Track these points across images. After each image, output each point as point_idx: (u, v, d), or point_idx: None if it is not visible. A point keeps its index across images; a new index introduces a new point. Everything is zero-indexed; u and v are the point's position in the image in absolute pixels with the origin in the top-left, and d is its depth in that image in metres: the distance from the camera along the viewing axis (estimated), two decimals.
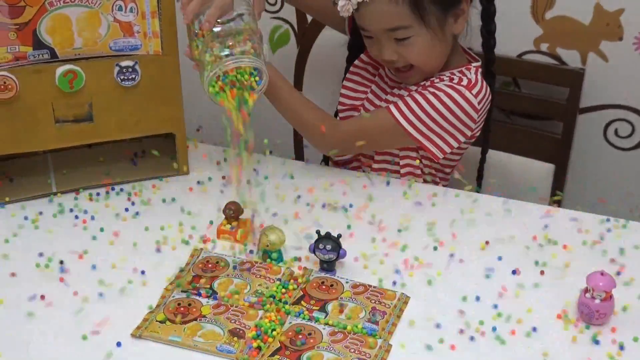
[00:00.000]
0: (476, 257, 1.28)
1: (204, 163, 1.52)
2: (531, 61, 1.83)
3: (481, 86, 1.46)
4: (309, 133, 1.50)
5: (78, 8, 1.31)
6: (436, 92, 1.43)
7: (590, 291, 1.14)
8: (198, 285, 1.21)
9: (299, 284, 1.21)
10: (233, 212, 1.31)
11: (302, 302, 1.18)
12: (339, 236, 1.23)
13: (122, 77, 1.37)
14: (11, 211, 1.39)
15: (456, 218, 1.37)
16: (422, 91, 1.45)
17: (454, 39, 1.50)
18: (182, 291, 1.20)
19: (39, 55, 1.33)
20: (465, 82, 1.45)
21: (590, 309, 1.14)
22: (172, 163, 1.47)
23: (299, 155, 1.95)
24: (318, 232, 1.23)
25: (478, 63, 1.51)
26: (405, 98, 1.45)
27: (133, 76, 1.38)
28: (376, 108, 1.54)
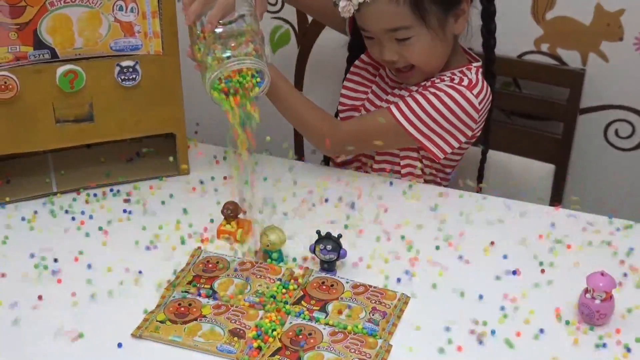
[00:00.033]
0: (481, 258, 1.28)
1: (204, 163, 1.52)
2: (531, 61, 1.83)
3: (482, 86, 1.46)
4: (311, 134, 1.50)
5: (79, 8, 1.31)
6: (437, 93, 1.43)
7: (590, 292, 1.14)
8: (198, 285, 1.21)
9: (299, 284, 1.21)
10: (231, 212, 1.31)
11: (303, 302, 1.18)
12: (339, 236, 1.23)
13: (123, 77, 1.37)
14: (8, 211, 1.39)
15: (460, 218, 1.37)
16: (423, 91, 1.45)
17: (455, 39, 1.50)
18: (182, 291, 1.20)
19: (40, 55, 1.33)
20: (465, 83, 1.45)
21: (590, 310, 1.14)
22: (169, 162, 1.47)
23: (299, 155, 1.95)
24: (318, 232, 1.23)
25: (478, 63, 1.51)
26: (405, 98, 1.45)
27: (133, 76, 1.38)
28: (377, 108, 1.54)
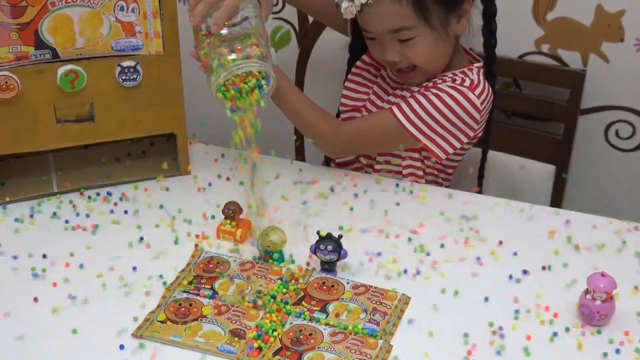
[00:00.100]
0: (484, 259, 1.28)
1: (205, 163, 1.52)
2: (532, 62, 1.83)
3: (483, 87, 1.46)
4: (315, 136, 1.49)
5: (80, 8, 1.31)
6: (439, 93, 1.43)
7: (590, 292, 1.14)
8: (199, 285, 1.21)
9: (300, 285, 1.21)
10: (232, 212, 1.31)
11: (303, 303, 1.18)
12: (340, 237, 1.23)
13: (124, 77, 1.37)
14: (9, 211, 1.39)
15: (460, 219, 1.37)
16: (425, 92, 1.45)
17: (456, 40, 1.50)
18: (183, 291, 1.20)
19: (41, 55, 1.33)
20: (467, 83, 1.45)
21: (590, 310, 1.14)
22: (169, 162, 1.47)
23: (301, 155, 1.95)
24: (319, 233, 1.23)
25: (480, 64, 1.52)
26: (407, 99, 1.45)
27: (134, 76, 1.38)
28: (378, 109, 1.54)
